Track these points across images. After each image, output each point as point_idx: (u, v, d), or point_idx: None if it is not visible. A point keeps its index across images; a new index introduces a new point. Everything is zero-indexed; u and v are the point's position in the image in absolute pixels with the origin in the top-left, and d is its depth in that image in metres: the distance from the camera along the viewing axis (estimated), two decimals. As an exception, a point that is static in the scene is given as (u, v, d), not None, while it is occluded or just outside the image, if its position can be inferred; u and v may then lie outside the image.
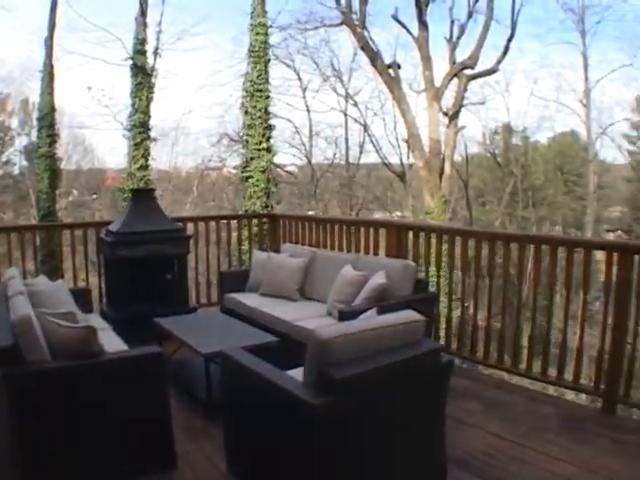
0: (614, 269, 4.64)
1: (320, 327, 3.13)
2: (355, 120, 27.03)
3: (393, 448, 3.13)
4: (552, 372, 5.21)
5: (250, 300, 6.47)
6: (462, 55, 21.71)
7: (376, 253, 6.85)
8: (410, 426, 3.21)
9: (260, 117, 15.76)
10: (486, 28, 21.31)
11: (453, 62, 21.71)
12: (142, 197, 7.22)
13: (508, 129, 38.88)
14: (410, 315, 3.32)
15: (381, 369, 2.97)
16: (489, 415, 4.71)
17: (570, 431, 4.40)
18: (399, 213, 29.93)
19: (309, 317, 5.64)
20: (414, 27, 21.21)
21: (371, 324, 3.22)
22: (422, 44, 21.05)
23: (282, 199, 30.21)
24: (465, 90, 21.79)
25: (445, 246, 6.17)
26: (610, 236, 50.83)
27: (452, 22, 22.44)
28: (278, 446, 3.13)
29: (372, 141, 26.89)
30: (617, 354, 4.65)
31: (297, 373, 3.18)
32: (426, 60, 21.14)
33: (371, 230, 6.96)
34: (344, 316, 4.77)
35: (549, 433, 4.36)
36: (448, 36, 22.30)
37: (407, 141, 22.11)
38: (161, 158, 24.70)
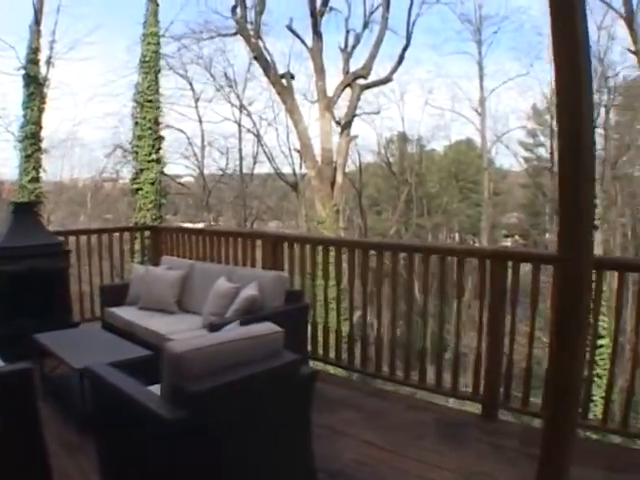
0: (487, 275, 4.85)
1: (176, 340, 3.29)
2: (248, 130, 27.50)
3: (257, 461, 3.17)
4: (437, 379, 5.39)
5: (128, 314, 6.52)
6: (357, 65, 22.38)
7: (254, 265, 7.02)
8: (272, 438, 3.25)
9: (150, 128, 15.89)
10: (380, 38, 22.02)
11: (347, 72, 22.37)
12: (23, 211, 7.19)
13: (403, 138, 40.08)
14: (270, 327, 3.35)
15: (238, 381, 3.01)
16: (368, 424, 4.76)
17: (450, 438, 4.49)
18: (293, 223, 30.41)
19: (184, 330, 5.71)
20: (310, 37, 21.81)
21: (229, 336, 3.27)
22: (316, 54, 21.60)
23: (179, 210, 30.22)
24: (358, 100, 22.41)
25: (332, 255, 6.23)
26: (507, 241, 53.07)
27: (347, 32, 23.27)
28: (144, 463, 3.12)
29: (265, 151, 27.38)
30: (494, 359, 4.80)
31: (159, 388, 3.19)
32: (319, 70, 21.71)
33: (248, 242, 7.15)
34: (214, 328, 4.78)
35: (428, 440, 4.46)
36: (343, 46, 23.08)
37: (299, 151, 22.70)
38: (57, 169, 24.52)
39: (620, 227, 34.81)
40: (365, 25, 23.10)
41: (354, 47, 23.11)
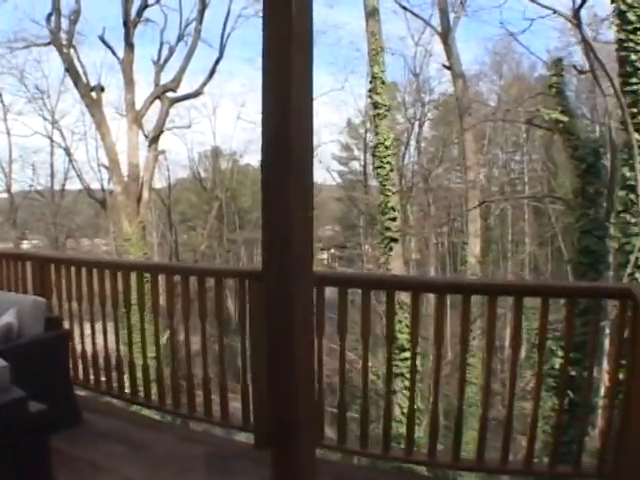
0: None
1: None
2: (59, 145, 26.91)
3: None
4: (205, 408, 5.05)
5: None
6: (170, 78, 22.36)
7: (25, 290, 6.30)
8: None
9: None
10: (191, 51, 22.26)
11: (157, 85, 22.35)
12: None
13: (216, 152, 40.55)
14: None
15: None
16: (132, 458, 4.51)
17: (219, 471, 4.40)
18: (104, 240, 30.00)
19: None
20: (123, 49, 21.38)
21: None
22: (127, 66, 21.40)
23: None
24: (167, 113, 22.43)
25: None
26: (324, 254, 54.95)
27: (162, 44, 23.10)
28: None
29: (74, 167, 26.88)
30: (258, 384, 4.58)
31: None
32: (129, 82, 21.50)
33: (19, 264, 6.37)
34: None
35: (196, 474, 4.34)
36: (156, 58, 22.92)
37: (106, 166, 22.51)
38: None
39: (437, 237, 37.20)
40: (180, 38, 23.16)
41: (167, 60, 23.13)
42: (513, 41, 24.44)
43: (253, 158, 44.03)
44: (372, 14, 16.25)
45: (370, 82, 15.94)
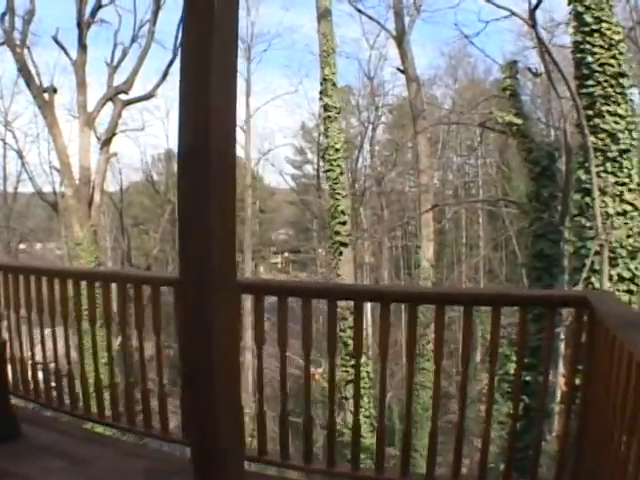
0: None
1: None
2: (11, 147, 26.78)
3: None
4: (145, 421, 4.92)
5: None
6: (123, 80, 21.90)
7: None
8: None
9: None
10: (144, 53, 21.83)
11: (110, 87, 21.92)
12: None
13: (168, 155, 40.18)
14: None
15: None
16: (70, 473, 4.36)
17: None
18: (57, 244, 29.44)
19: None
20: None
21: None
22: (79, 67, 20.97)
23: None
24: (120, 116, 22.07)
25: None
26: (278, 258, 54.82)
27: (115, 46, 22.71)
28: None
29: (26, 169, 26.51)
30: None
31: None
32: (81, 84, 21.07)
33: None
34: None
35: None
36: (109, 60, 22.53)
37: (57, 169, 22.13)
38: None
39: (391, 241, 37.28)
40: (134, 39, 22.71)
41: (120, 61, 22.70)
42: (469, 45, 24.67)
43: None
44: (324, 15, 16.08)
45: (321, 84, 15.65)
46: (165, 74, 22.61)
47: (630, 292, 10.20)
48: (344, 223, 15.16)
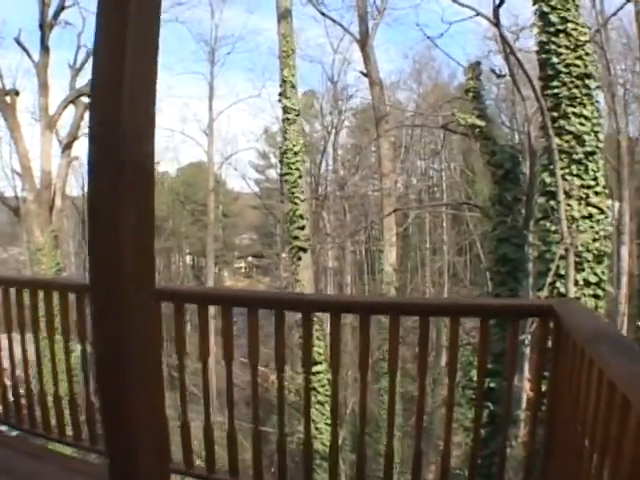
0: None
1: None
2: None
3: None
4: (90, 435, 4.71)
5: None
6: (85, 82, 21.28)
7: None
8: None
9: None
10: None
11: (72, 89, 21.58)
12: None
13: None
14: None
15: None
16: None
17: None
18: (19, 250, 28.83)
19: None
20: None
21: None
22: (42, 70, 20.61)
23: None
24: (82, 119, 21.52)
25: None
26: (242, 263, 54.47)
27: (78, 48, 22.31)
28: None
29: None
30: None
31: None
32: (44, 87, 20.71)
33: None
34: None
35: None
36: (72, 62, 22.20)
37: (18, 173, 21.67)
38: None
39: (355, 245, 37.14)
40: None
41: (84, 64, 22.22)
42: (433, 49, 24.63)
43: (170, 166, 43.50)
44: (284, 16, 15.77)
45: (280, 86, 15.27)
46: None
47: (596, 297, 10.08)
48: (302, 228, 14.75)
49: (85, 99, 21.40)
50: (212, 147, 34.59)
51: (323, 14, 23.18)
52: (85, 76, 21.91)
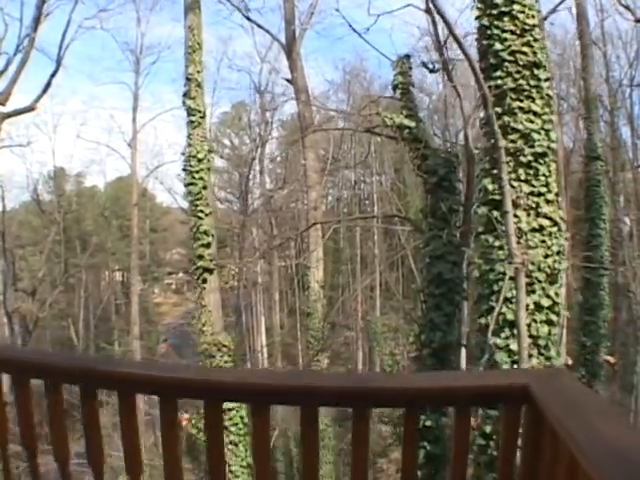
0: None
1: None
2: None
3: None
4: None
5: None
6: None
7: None
8: None
9: None
10: (23, 61, 19.75)
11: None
12: None
13: (56, 173, 37.54)
14: None
15: None
16: None
17: None
18: None
19: None
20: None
21: None
22: (-45, 77, 18.67)
23: None
24: None
25: None
26: (172, 278, 52.19)
27: (-1, 55, 20.32)
28: None
29: None
30: None
31: None
32: (-44, 95, 18.71)
33: None
34: None
35: None
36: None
37: None
38: None
39: (285, 260, 35.57)
40: (18, 48, 20.48)
41: (3, 72, 20.44)
42: (365, 60, 23.36)
43: (98, 180, 41.77)
44: (192, 7, 13.54)
45: (185, 85, 12.75)
46: (47, 85, 20.49)
47: (549, 323, 8.14)
48: (208, 245, 12.11)
49: (1, 109, 19.71)
50: (135, 160, 32.19)
51: (249, 19, 22.34)
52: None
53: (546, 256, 8.08)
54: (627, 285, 21.57)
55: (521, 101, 8.23)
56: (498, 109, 8.26)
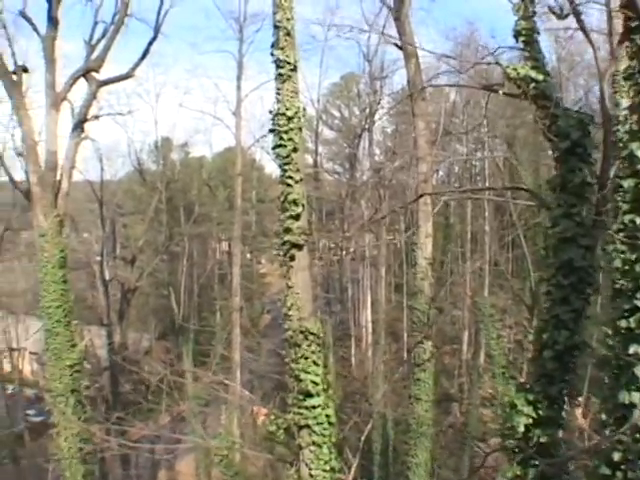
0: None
1: None
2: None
3: None
4: None
5: None
6: (109, 60, 18.95)
7: None
8: None
9: None
10: (117, 28, 18.74)
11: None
12: None
13: (162, 143, 36.99)
14: None
15: None
16: None
17: None
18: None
19: None
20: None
21: None
22: (49, 43, 17.77)
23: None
24: (94, 97, 18.90)
25: None
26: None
27: (96, 24, 19.44)
28: None
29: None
30: None
31: None
32: (50, 62, 17.84)
33: None
34: None
35: None
36: (88, 38, 19.25)
37: (22, 154, 18.76)
38: None
39: (394, 234, 33.89)
40: (114, 17, 19.18)
41: (100, 40, 19.21)
42: (476, 32, 21.15)
43: (203, 149, 41.30)
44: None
45: (273, 34, 10.63)
46: (145, 52, 19.53)
47: None
48: (297, 217, 9.99)
49: (98, 76, 18.62)
50: (240, 129, 30.76)
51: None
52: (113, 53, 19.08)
53: None
54: None
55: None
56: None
